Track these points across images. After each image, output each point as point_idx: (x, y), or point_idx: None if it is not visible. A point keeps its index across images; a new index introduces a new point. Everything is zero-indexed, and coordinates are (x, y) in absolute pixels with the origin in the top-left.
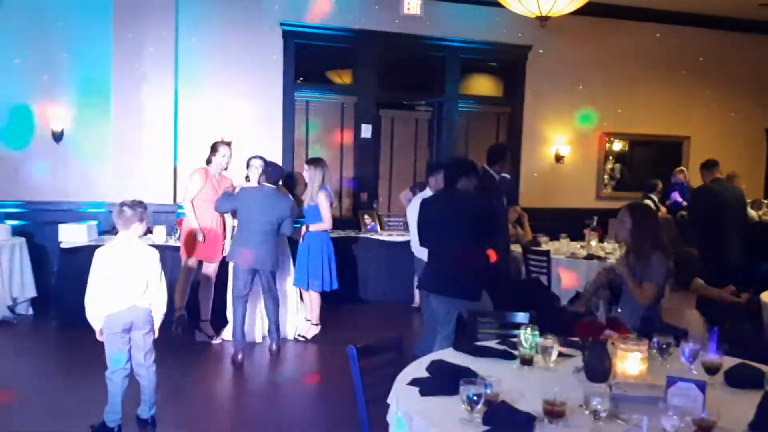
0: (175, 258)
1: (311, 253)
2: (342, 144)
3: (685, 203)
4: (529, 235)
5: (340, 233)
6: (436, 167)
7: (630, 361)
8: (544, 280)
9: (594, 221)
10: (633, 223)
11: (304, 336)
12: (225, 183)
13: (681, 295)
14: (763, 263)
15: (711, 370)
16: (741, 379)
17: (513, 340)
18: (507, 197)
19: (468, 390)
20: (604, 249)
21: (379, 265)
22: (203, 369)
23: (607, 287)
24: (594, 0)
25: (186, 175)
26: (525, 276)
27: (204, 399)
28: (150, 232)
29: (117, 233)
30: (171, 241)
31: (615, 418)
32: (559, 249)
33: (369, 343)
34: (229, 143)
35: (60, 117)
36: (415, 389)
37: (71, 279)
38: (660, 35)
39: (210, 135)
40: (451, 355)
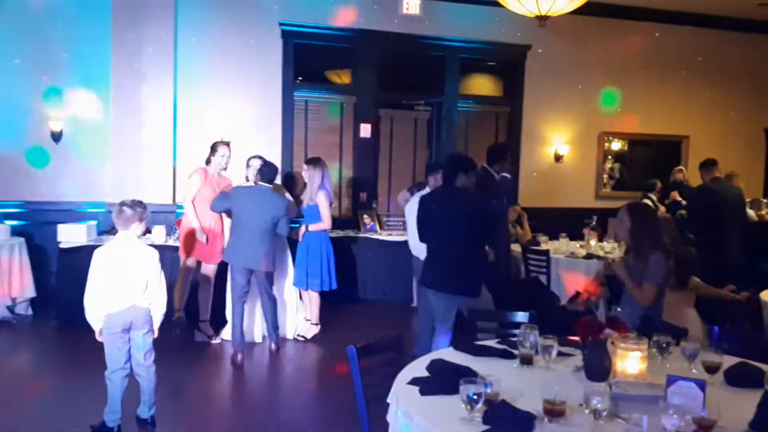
0: (175, 258)
1: (310, 253)
2: (341, 144)
3: (684, 202)
4: (529, 235)
5: (339, 233)
6: (435, 167)
7: (630, 360)
8: (543, 279)
9: (593, 221)
10: (632, 223)
11: (303, 336)
12: (224, 183)
13: (680, 295)
14: (763, 262)
15: (711, 369)
16: (741, 378)
17: (513, 339)
18: (507, 197)
19: (468, 389)
20: (603, 248)
21: (379, 265)
22: (203, 369)
23: (607, 286)
24: (593, 0)
25: (185, 175)
26: (524, 275)
27: (203, 399)
28: (149, 232)
29: (116, 233)
30: (170, 241)
31: (615, 417)
32: (559, 248)
33: (369, 343)
34: (228, 143)
35: (59, 117)
36: (415, 388)
37: (70, 279)
38: (659, 35)
39: (209, 135)
40: (451, 355)
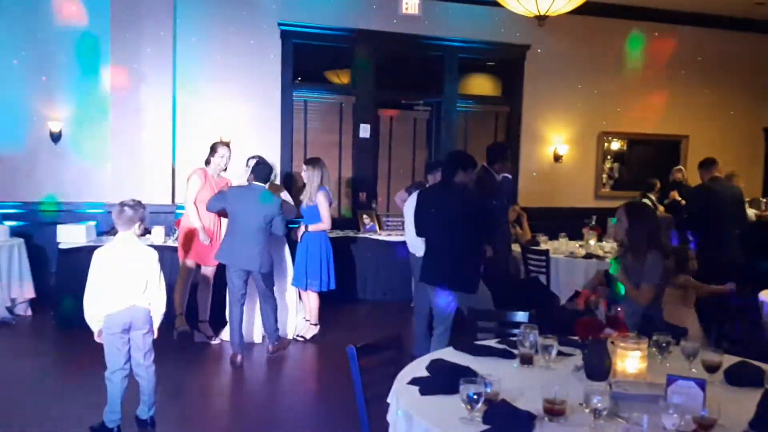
0: (174, 258)
1: (309, 253)
2: (340, 144)
3: (684, 202)
4: (528, 235)
5: (338, 233)
6: (435, 165)
7: (630, 360)
8: (543, 279)
9: (593, 220)
10: (629, 223)
11: (303, 336)
12: (223, 183)
13: (674, 293)
14: (763, 261)
15: (711, 368)
16: (741, 378)
17: (513, 339)
18: (508, 198)
19: (468, 389)
20: (602, 248)
21: (378, 265)
22: (202, 369)
23: (607, 285)
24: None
25: (184, 176)
26: (524, 275)
27: (203, 399)
28: (148, 232)
29: (116, 234)
30: (169, 242)
31: (615, 416)
32: (558, 248)
33: (368, 343)
34: (228, 143)
35: (58, 117)
36: (415, 388)
37: (70, 280)
38: (658, 34)
39: (208, 135)
40: (451, 354)
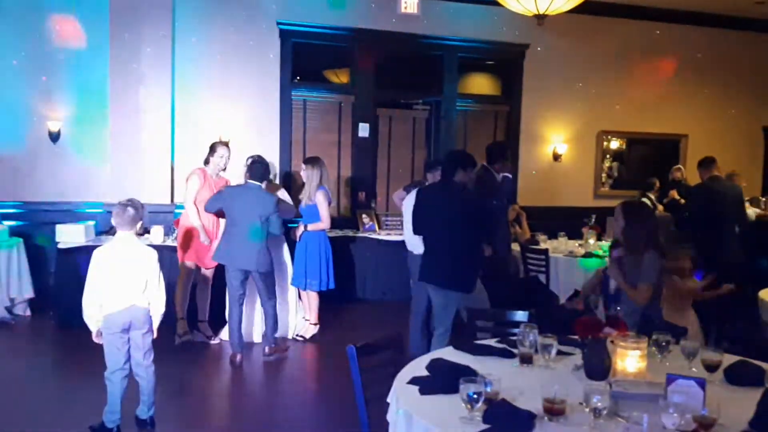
0: (173, 258)
1: (309, 253)
2: (339, 143)
3: (683, 201)
4: (528, 234)
5: (338, 233)
6: (434, 164)
7: (629, 359)
8: (542, 278)
9: (592, 220)
10: (626, 222)
11: (302, 336)
12: (222, 184)
13: (678, 293)
14: (763, 260)
15: (711, 367)
16: (741, 377)
17: (512, 338)
18: (508, 197)
19: (468, 388)
20: (602, 247)
21: (378, 265)
22: (202, 369)
23: (602, 283)
24: None
25: (183, 175)
26: (524, 275)
27: (203, 399)
28: (147, 232)
29: (115, 233)
30: (168, 241)
31: (615, 415)
32: (558, 247)
33: (368, 342)
34: (227, 143)
35: (57, 117)
36: (415, 388)
37: (69, 279)
38: (658, 33)
39: (207, 135)
40: (451, 354)
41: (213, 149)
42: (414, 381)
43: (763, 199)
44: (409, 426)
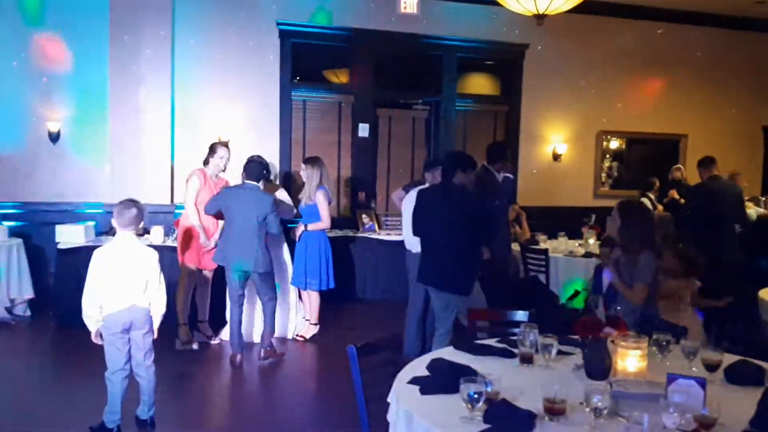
0: (173, 258)
1: (308, 253)
2: (339, 143)
3: (683, 201)
4: (528, 234)
5: (338, 233)
6: (433, 163)
7: (630, 359)
8: (542, 278)
9: (592, 219)
10: (622, 222)
11: (302, 336)
12: (221, 184)
13: (678, 293)
14: (763, 260)
15: (711, 367)
16: (741, 376)
17: (513, 338)
18: (508, 198)
19: (468, 388)
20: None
21: (378, 265)
22: (202, 369)
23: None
24: None
25: (183, 175)
26: (524, 275)
27: (203, 399)
28: (147, 232)
29: (114, 234)
30: (168, 242)
31: (616, 415)
32: (558, 247)
33: (368, 342)
34: (227, 143)
35: (57, 118)
36: (416, 388)
37: (68, 280)
38: (658, 33)
39: (207, 135)
40: (451, 354)
41: (212, 150)
42: (414, 381)
43: (763, 199)
44: (410, 426)
